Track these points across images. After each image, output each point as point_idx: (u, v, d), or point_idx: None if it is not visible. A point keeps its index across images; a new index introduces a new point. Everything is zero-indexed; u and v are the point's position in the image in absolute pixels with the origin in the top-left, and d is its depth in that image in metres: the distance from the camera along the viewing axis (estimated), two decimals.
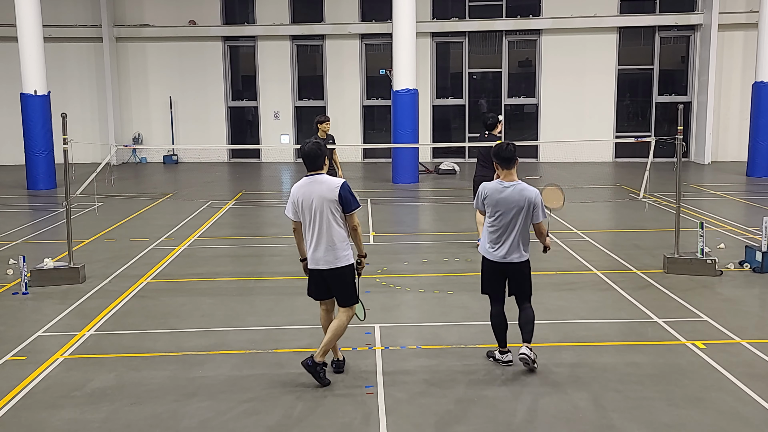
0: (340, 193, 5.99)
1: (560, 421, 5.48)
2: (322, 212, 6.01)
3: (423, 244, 11.89)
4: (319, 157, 6.09)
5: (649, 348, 6.98)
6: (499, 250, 6.32)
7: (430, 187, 18.65)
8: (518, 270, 6.39)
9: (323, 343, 6.13)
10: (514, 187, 6.27)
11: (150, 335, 7.55)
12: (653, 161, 12.17)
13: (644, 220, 13.24)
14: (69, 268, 9.49)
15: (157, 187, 19.33)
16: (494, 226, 6.32)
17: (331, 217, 6.02)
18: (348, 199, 6.03)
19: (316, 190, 6.03)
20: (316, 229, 6.05)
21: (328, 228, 6.02)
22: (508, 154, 6.30)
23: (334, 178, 6.11)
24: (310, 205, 6.04)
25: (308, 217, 6.08)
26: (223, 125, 24.86)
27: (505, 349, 6.51)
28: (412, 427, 5.43)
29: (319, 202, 6.00)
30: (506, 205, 6.24)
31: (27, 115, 18.36)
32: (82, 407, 5.81)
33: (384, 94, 23.51)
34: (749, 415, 5.54)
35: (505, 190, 6.27)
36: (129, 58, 24.80)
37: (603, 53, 23.54)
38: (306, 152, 6.09)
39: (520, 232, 6.28)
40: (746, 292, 8.86)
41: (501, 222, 6.28)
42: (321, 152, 6.09)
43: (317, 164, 6.10)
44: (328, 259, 6.06)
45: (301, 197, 6.09)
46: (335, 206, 6.01)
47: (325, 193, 6.00)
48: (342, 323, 6.17)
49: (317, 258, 6.10)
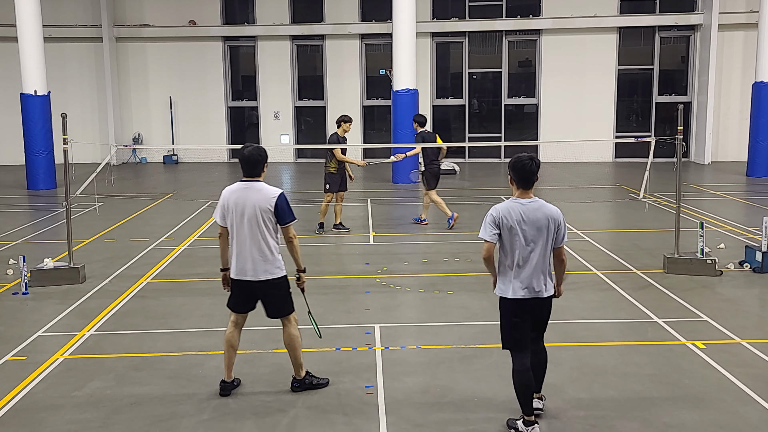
0: (276, 203, 5.69)
1: (560, 421, 5.48)
2: (256, 221, 5.68)
3: (423, 244, 11.89)
4: (259, 163, 5.76)
5: (649, 348, 6.98)
6: (525, 285, 5.20)
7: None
8: (543, 306, 5.32)
9: (294, 361, 5.97)
10: (532, 204, 5.20)
11: (150, 335, 7.55)
12: (653, 161, 12.16)
13: (644, 220, 13.25)
14: (69, 268, 9.49)
15: (157, 187, 19.33)
16: (515, 255, 5.19)
17: (264, 227, 5.70)
18: (284, 211, 5.72)
19: (252, 197, 5.69)
20: (246, 237, 5.72)
21: (261, 238, 5.70)
22: (526, 174, 5.17)
23: (271, 188, 5.78)
24: (241, 213, 5.70)
25: (238, 224, 5.74)
26: (223, 125, 24.88)
27: (531, 419, 5.20)
28: (412, 427, 5.43)
29: (252, 210, 5.68)
30: (526, 226, 5.15)
31: (27, 115, 18.37)
32: (82, 407, 5.81)
33: (384, 94, 23.51)
34: (749, 415, 5.54)
35: (522, 209, 5.18)
36: (129, 58, 24.81)
37: (603, 53, 23.55)
38: (246, 157, 5.75)
39: (543, 259, 5.21)
40: (746, 292, 8.86)
41: (523, 248, 5.17)
42: (261, 158, 5.76)
43: (256, 171, 5.77)
44: (258, 270, 5.75)
45: (233, 203, 5.75)
46: (269, 216, 5.69)
47: (260, 202, 5.68)
48: (292, 335, 5.91)
49: (244, 268, 5.77)
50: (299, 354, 5.98)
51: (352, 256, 11.18)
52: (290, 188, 19.77)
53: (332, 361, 6.66)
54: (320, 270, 10.12)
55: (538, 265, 5.18)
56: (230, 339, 6.01)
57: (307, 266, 6.23)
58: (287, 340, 5.94)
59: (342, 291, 9.04)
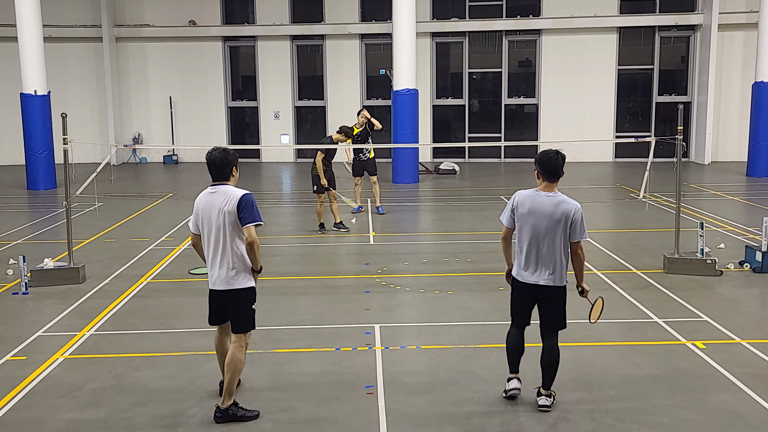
0: (239, 203, 5.40)
1: (560, 421, 5.48)
2: (223, 226, 5.43)
3: (423, 244, 11.89)
4: (225, 167, 5.50)
5: (649, 348, 6.98)
6: (528, 270, 5.55)
7: (430, 187, 18.65)
8: (549, 295, 5.57)
9: (225, 387, 5.53)
10: (552, 198, 5.50)
11: (150, 335, 7.55)
12: (653, 161, 12.16)
13: (644, 220, 13.24)
14: (69, 268, 9.49)
15: (157, 187, 19.33)
16: (523, 241, 5.54)
17: (231, 232, 5.44)
18: (246, 210, 5.41)
19: (218, 201, 5.44)
20: (214, 244, 5.49)
21: (230, 244, 5.45)
22: (552, 167, 5.51)
23: (237, 189, 5.49)
24: (209, 218, 5.47)
25: (207, 231, 5.51)
26: (223, 125, 24.87)
27: (513, 376, 5.82)
28: (412, 427, 5.43)
29: (218, 214, 5.43)
30: (538, 216, 5.46)
31: (27, 115, 18.37)
32: (82, 407, 5.81)
33: (384, 94, 23.51)
34: (749, 415, 5.54)
35: (539, 199, 5.50)
36: (129, 58, 24.80)
37: (603, 53, 23.54)
38: (211, 161, 5.51)
39: (553, 250, 5.47)
40: (746, 292, 8.86)
41: (531, 236, 5.49)
42: (227, 161, 5.50)
43: (222, 174, 5.51)
44: (226, 278, 5.49)
45: (202, 209, 5.54)
46: (235, 219, 5.42)
47: (225, 205, 5.41)
48: (236, 357, 5.50)
49: (214, 277, 5.54)
50: (236, 380, 5.55)
51: (352, 256, 11.18)
52: (290, 188, 19.78)
53: (332, 361, 6.66)
54: (320, 270, 10.12)
55: (548, 255, 5.47)
56: (218, 345, 5.83)
57: (307, 266, 6.23)
58: (230, 360, 5.49)
59: (342, 291, 9.04)
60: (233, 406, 5.52)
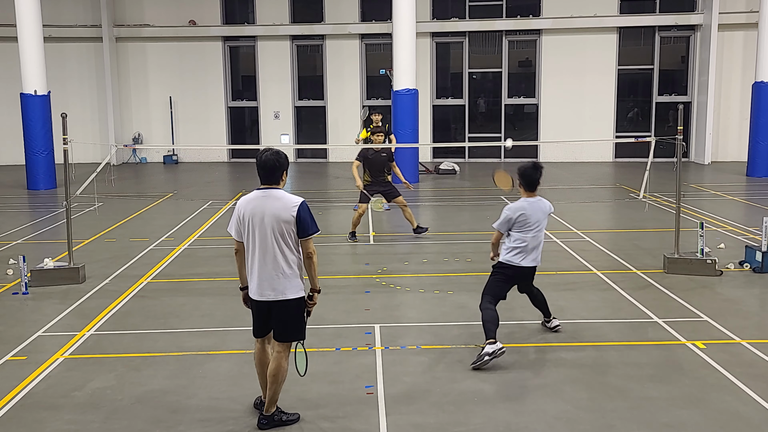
0: (298, 213, 5.12)
1: (560, 421, 5.48)
2: (273, 233, 5.13)
3: (423, 244, 11.88)
4: (276, 170, 5.21)
5: (649, 348, 6.98)
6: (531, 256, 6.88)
7: (431, 187, 18.65)
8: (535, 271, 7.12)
9: (269, 396, 5.33)
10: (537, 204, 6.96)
11: (150, 335, 7.55)
12: (653, 161, 12.16)
13: (644, 220, 13.24)
14: (69, 268, 9.49)
15: (157, 187, 19.33)
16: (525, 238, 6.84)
17: (282, 240, 5.15)
18: (306, 222, 5.15)
19: (270, 206, 5.14)
20: (261, 251, 5.17)
21: (280, 252, 5.16)
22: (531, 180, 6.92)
23: (291, 195, 5.22)
24: (259, 224, 5.15)
25: (254, 237, 5.19)
26: (223, 125, 24.87)
27: (492, 341, 6.47)
28: (412, 427, 5.43)
29: (270, 220, 5.12)
30: (536, 217, 6.85)
31: (27, 115, 18.37)
32: (82, 407, 5.81)
33: (384, 94, 23.51)
34: (749, 415, 5.54)
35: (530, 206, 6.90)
36: (129, 58, 24.80)
37: (603, 53, 23.54)
38: (262, 163, 5.22)
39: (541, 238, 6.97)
40: (746, 292, 8.86)
41: (533, 233, 6.84)
42: (280, 164, 5.22)
43: (274, 177, 5.22)
44: (276, 288, 5.19)
45: (249, 213, 5.19)
46: (290, 228, 5.13)
47: (279, 212, 5.12)
48: (282, 367, 5.28)
49: (262, 287, 5.22)
50: (279, 390, 5.36)
51: (352, 256, 11.18)
52: (290, 188, 19.77)
53: (332, 361, 6.66)
54: (320, 270, 10.00)
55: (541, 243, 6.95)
56: (261, 358, 5.48)
57: None
58: (275, 371, 5.28)
59: (342, 291, 9.03)
60: (277, 412, 5.41)
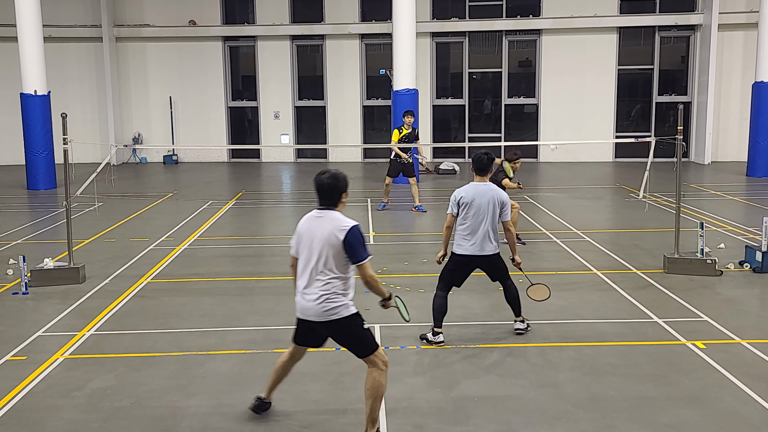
0: (346, 238, 4.99)
1: (560, 421, 5.48)
2: (322, 254, 5.05)
3: (423, 245, 11.89)
4: (334, 193, 5.13)
5: (649, 348, 6.98)
6: (471, 243, 7.00)
7: (431, 187, 18.66)
8: (490, 261, 7.12)
9: (368, 413, 5.11)
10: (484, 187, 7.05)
11: (150, 335, 7.55)
12: (653, 161, 12.17)
13: (644, 220, 13.24)
14: (69, 268, 9.49)
15: (157, 187, 19.32)
16: (468, 225, 6.98)
17: (330, 262, 5.04)
18: (353, 247, 5.01)
19: (322, 228, 5.07)
20: (310, 272, 5.10)
21: (326, 273, 5.06)
22: (481, 165, 7.12)
23: (345, 218, 5.09)
24: (309, 244, 5.11)
25: (304, 256, 5.15)
26: (223, 125, 24.86)
27: (439, 330, 7.06)
28: (412, 427, 5.43)
29: (320, 242, 5.05)
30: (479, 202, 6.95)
31: (27, 115, 18.36)
32: (82, 407, 5.81)
33: (384, 94, 23.52)
34: (749, 415, 5.54)
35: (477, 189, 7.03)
36: (129, 58, 24.80)
37: (603, 53, 23.54)
38: (318, 185, 5.15)
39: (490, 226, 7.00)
40: (746, 292, 8.86)
41: (475, 219, 6.95)
42: (337, 187, 5.12)
43: (331, 200, 5.13)
44: (321, 311, 5.08)
45: (304, 233, 5.19)
46: (339, 249, 5.01)
47: (328, 234, 5.03)
48: (377, 381, 5.11)
49: (306, 307, 5.14)
50: (378, 406, 5.13)
51: None
52: (290, 188, 19.78)
53: (332, 361, 6.65)
54: None
55: (486, 230, 6.97)
56: (284, 361, 5.52)
57: None
58: (371, 386, 5.11)
59: None
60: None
